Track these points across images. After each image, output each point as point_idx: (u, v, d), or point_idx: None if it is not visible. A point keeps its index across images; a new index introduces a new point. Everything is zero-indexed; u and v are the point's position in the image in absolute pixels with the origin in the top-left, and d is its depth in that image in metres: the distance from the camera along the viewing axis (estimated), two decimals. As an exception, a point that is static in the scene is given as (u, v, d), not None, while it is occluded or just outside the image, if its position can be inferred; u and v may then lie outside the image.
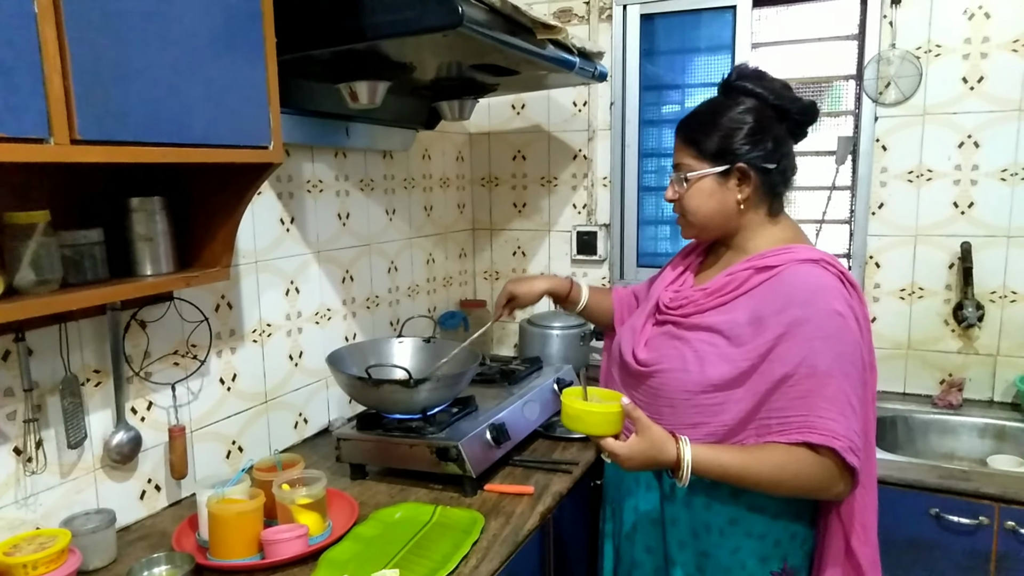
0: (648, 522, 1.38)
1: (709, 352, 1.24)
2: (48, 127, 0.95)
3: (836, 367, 1.16)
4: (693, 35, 2.52)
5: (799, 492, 1.21)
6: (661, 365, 1.30)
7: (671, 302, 1.36)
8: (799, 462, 1.17)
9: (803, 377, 1.17)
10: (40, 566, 1.18)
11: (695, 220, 1.33)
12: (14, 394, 1.29)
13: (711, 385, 1.23)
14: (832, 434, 1.15)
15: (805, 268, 1.23)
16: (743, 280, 1.26)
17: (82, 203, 1.33)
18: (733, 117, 1.28)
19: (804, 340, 1.17)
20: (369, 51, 1.52)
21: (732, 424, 1.22)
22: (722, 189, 1.29)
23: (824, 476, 1.17)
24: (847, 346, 1.18)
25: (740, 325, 1.23)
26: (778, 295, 1.21)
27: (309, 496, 1.38)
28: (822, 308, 1.18)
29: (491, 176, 2.81)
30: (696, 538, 1.31)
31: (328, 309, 2.05)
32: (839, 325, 1.18)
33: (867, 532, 1.27)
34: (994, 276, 2.17)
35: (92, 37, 1.00)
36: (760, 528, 1.28)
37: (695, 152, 1.29)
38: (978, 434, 2.10)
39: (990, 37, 2.09)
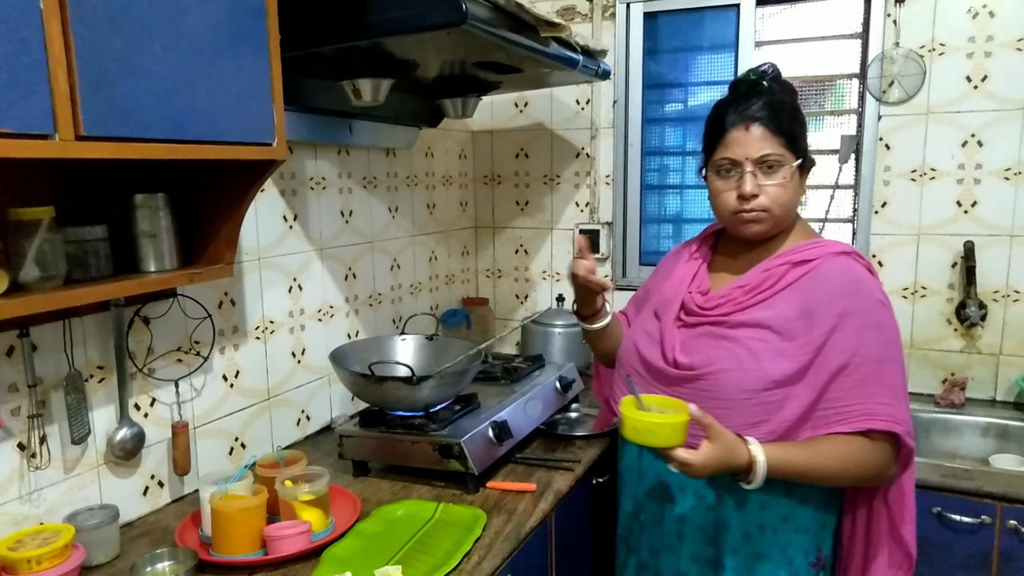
0: (695, 530, 1.35)
1: (762, 348, 1.24)
2: (53, 123, 0.96)
3: (887, 354, 1.21)
4: (696, 33, 2.52)
5: (859, 480, 1.23)
6: (713, 367, 1.27)
7: (705, 303, 1.34)
8: (859, 451, 1.19)
9: (859, 366, 1.19)
10: (44, 561, 1.18)
11: (781, 212, 1.29)
12: (18, 390, 1.29)
13: (772, 382, 1.22)
14: (893, 419, 1.18)
15: (841, 260, 1.27)
16: (781, 275, 1.28)
17: (86, 199, 1.33)
18: (800, 109, 1.33)
19: (856, 330, 1.20)
20: (373, 48, 1.52)
21: (792, 420, 1.22)
22: (800, 183, 1.32)
23: (882, 461, 1.21)
24: (892, 333, 1.23)
25: (790, 319, 1.24)
26: (823, 287, 1.24)
27: (312, 493, 1.38)
28: (868, 298, 1.23)
29: (494, 174, 2.81)
30: (749, 541, 1.30)
31: (331, 306, 2.05)
32: (884, 314, 1.23)
33: (910, 512, 1.30)
34: (997, 275, 2.16)
35: (97, 34, 1.00)
36: (807, 522, 1.30)
37: (786, 143, 1.27)
38: (980, 433, 2.10)
39: (994, 36, 2.09)
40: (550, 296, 2.74)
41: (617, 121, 2.57)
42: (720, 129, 1.31)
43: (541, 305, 2.78)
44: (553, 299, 2.70)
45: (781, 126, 1.27)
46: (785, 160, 1.27)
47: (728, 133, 1.29)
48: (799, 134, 1.29)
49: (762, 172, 1.27)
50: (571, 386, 2.08)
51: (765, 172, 1.27)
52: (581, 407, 2.14)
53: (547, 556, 1.62)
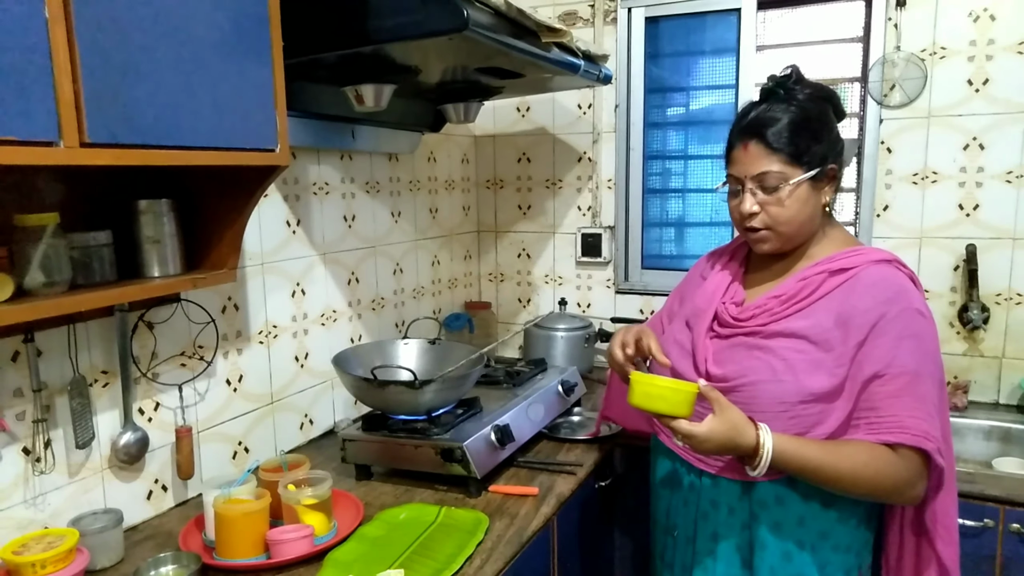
0: (731, 550, 1.29)
1: (798, 359, 1.20)
2: (58, 130, 0.96)
3: (923, 367, 1.16)
4: (698, 38, 2.53)
5: (874, 492, 1.17)
6: (747, 378, 1.23)
7: (740, 314, 1.30)
8: (880, 461, 1.14)
9: (893, 376, 1.15)
10: (48, 565, 1.19)
11: (787, 230, 1.25)
12: (23, 394, 1.30)
13: (811, 395, 1.18)
14: (925, 435, 1.13)
15: (881, 268, 1.23)
16: (818, 284, 1.24)
17: (91, 205, 1.34)
18: (817, 118, 1.25)
19: (892, 339, 1.16)
20: (375, 54, 1.53)
21: (829, 434, 1.18)
22: (815, 194, 1.25)
23: (903, 477, 1.15)
24: (930, 346, 1.19)
25: (827, 329, 1.19)
26: (861, 296, 1.20)
27: (315, 496, 1.39)
28: (906, 307, 1.18)
29: (496, 178, 2.82)
30: (789, 561, 1.24)
31: (334, 311, 2.06)
32: (923, 325, 1.18)
33: (950, 533, 1.25)
34: (1000, 278, 2.16)
35: (102, 41, 1.01)
36: (846, 540, 1.25)
37: (787, 158, 1.22)
38: (983, 436, 2.10)
39: (995, 39, 2.09)
40: (552, 300, 2.75)
41: (619, 125, 2.58)
42: (729, 145, 1.30)
43: (543, 309, 2.78)
44: (555, 303, 2.70)
45: (780, 141, 1.22)
46: (786, 176, 1.22)
47: (733, 150, 1.28)
48: (809, 145, 1.22)
49: (761, 190, 1.24)
50: (573, 390, 2.08)
51: (764, 190, 1.24)
52: (583, 411, 2.14)
53: (549, 560, 1.63)
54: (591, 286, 2.71)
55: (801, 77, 1.29)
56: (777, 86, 1.28)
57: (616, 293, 2.67)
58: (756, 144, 1.23)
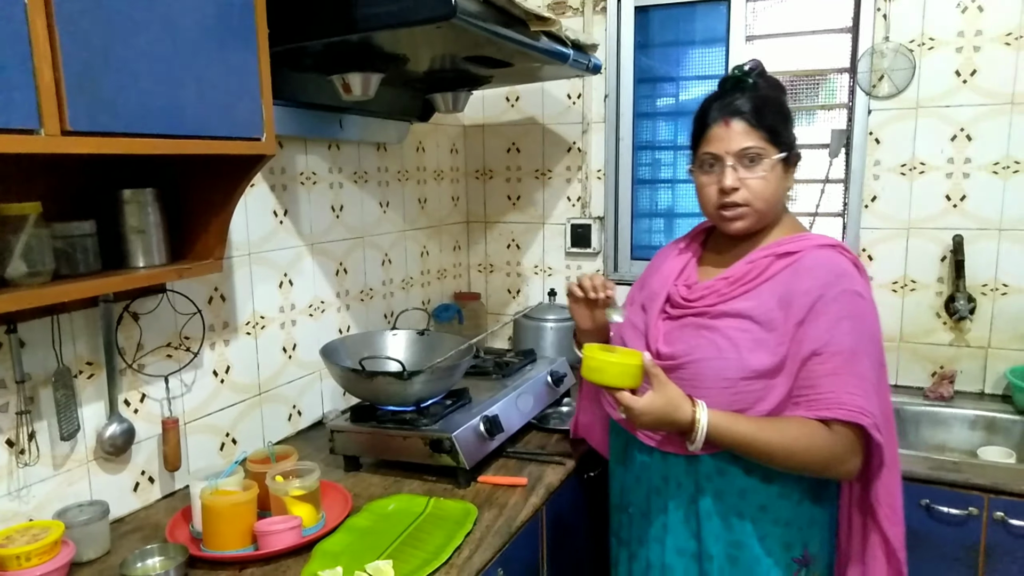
0: (679, 523, 1.34)
1: (742, 338, 1.24)
2: (39, 118, 0.95)
3: (861, 346, 1.20)
4: (687, 28, 2.52)
5: (808, 466, 1.22)
6: (693, 355, 1.27)
7: (690, 294, 1.35)
8: (812, 436, 1.19)
9: (831, 355, 1.19)
10: (33, 557, 1.18)
11: (763, 206, 1.29)
12: (6, 386, 1.29)
13: (752, 371, 1.22)
14: (860, 410, 1.17)
15: (824, 252, 1.28)
16: (765, 267, 1.29)
17: (74, 195, 1.33)
18: (786, 105, 1.34)
19: (831, 319, 1.20)
20: (362, 42, 1.52)
21: (769, 411, 1.23)
22: (784, 177, 1.31)
23: (835, 451, 1.19)
24: (869, 326, 1.23)
25: (771, 310, 1.24)
26: (802, 278, 1.24)
27: (302, 488, 1.38)
28: (845, 289, 1.22)
29: (485, 169, 2.81)
30: (730, 530, 1.30)
31: (322, 301, 2.05)
32: (862, 306, 1.23)
33: (895, 513, 1.29)
34: (986, 269, 2.18)
35: (82, 28, 0.99)
36: (787, 514, 1.29)
37: (768, 137, 1.27)
38: (969, 426, 2.12)
39: (983, 30, 2.09)
40: (542, 291, 2.75)
41: (608, 115, 2.57)
42: (703, 125, 1.33)
43: (533, 300, 2.78)
44: (545, 294, 2.70)
45: (762, 120, 1.27)
46: (766, 153, 1.27)
47: (710, 129, 1.31)
48: (782, 128, 1.29)
49: (743, 166, 1.28)
50: (562, 380, 2.08)
51: (746, 166, 1.28)
52: (573, 401, 2.14)
53: (538, 550, 1.63)
54: (580, 277, 2.71)
55: (764, 71, 1.35)
56: (745, 76, 1.33)
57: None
58: (739, 121, 1.27)
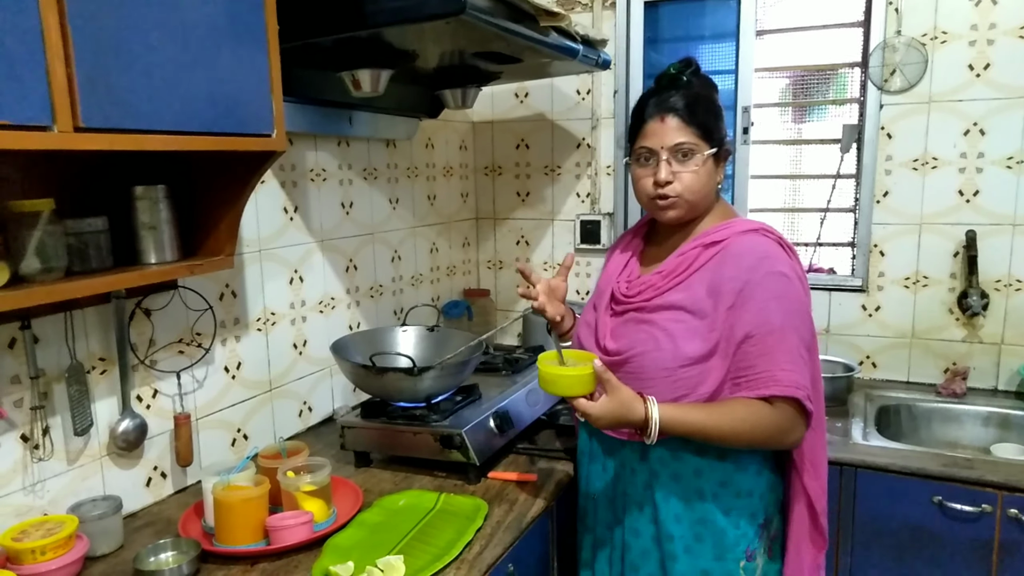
0: (633, 504, 1.41)
1: (677, 328, 1.31)
2: (52, 114, 0.96)
3: (788, 323, 1.27)
4: (697, 23, 2.51)
5: (757, 442, 1.29)
6: (635, 349, 1.34)
7: (628, 290, 1.41)
8: (757, 414, 1.25)
9: (763, 335, 1.26)
10: (48, 551, 1.19)
11: (693, 198, 1.35)
12: (20, 381, 1.30)
13: (688, 359, 1.29)
14: (795, 385, 1.24)
15: (748, 237, 1.33)
16: (694, 258, 1.35)
17: (86, 192, 1.33)
18: (717, 102, 1.40)
19: (759, 302, 1.27)
20: (372, 39, 1.52)
21: (710, 392, 1.30)
22: (715, 170, 1.38)
23: (780, 425, 1.26)
24: (794, 303, 1.30)
25: (701, 299, 1.31)
26: (728, 266, 1.30)
27: (314, 483, 1.39)
28: (769, 271, 1.29)
29: (494, 165, 2.80)
30: (691, 507, 1.36)
31: (332, 298, 2.05)
32: (785, 285, 1.29)
33: (816, 468, 1.38)
34: (999, 265, 2.16)
35: (94, 25, 1.00)
36: (747, 485, 1.36)
37: (700, 133, 1.33)
38: (982, 423, 2.10)
39: (997, 24, 2.07)
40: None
41: (618, 111, 2.56)
42: (640, 120, 1.38)
43: (542, 296, 2.77)
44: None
45: (695, 117, 1.33)
46: (698, 149, 1.33)
47: (646, 124, 1.36)
48: (713, 125, 1.35)
49: (676, 160, 1.34)
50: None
51: (679, 160, 1.34)
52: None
53: (549, 546, 1.63)
54: (590, 273, 2.71)
55: (698, 69, 1.41)
56: (680, 73, 1.39)
57: (615, 280, 2.66)
58: (673, 117, 1.33)
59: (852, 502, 1.82)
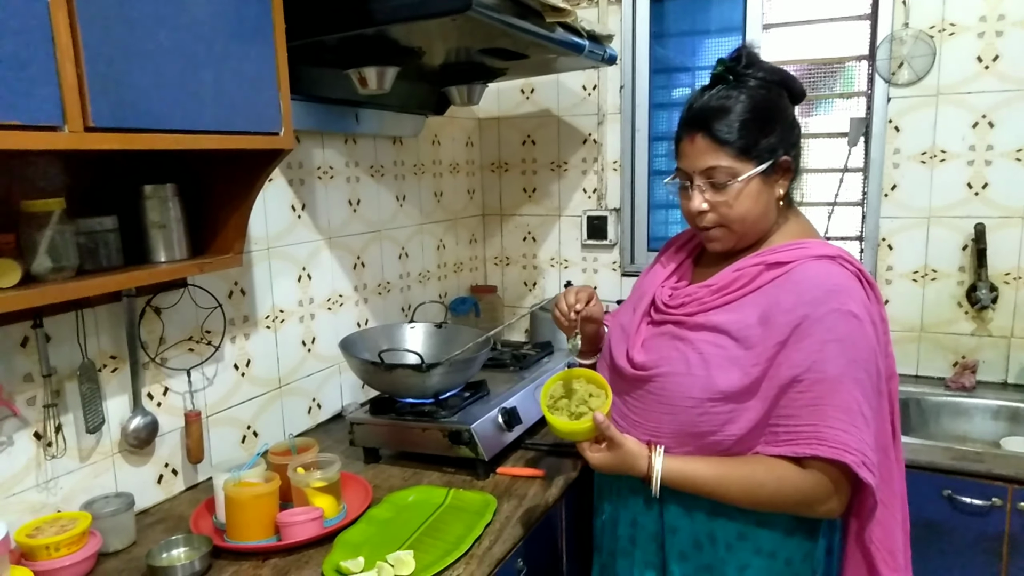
0: (647, 536, 1.27)
1: (715, 354, 1.14)
2: (62, 115, 0.96)
3: (848, 373, 1.08)
4: (703, 17, 2.50)
5: (776, 508, 1.14)
6: (660, 368, 1.19)
7: (671, 300, 1.25)
8: (781, 480, 1.10)
9: (813, 383, 1.08)
10: (62, 548, 1.21)
11: (740, 228, 1.18)
12: (33, 379, 1.31)
13: (719, 392, 1.13)
14: (844, 447, 1.06)
15: (820, 265, 1.14)
16: (752, 276, 1.16)
17: (97, 191, 1.34)
18: (764, 107, 1.16)
19: (815, 342, 1.08)
20: (378, 36, 1.52)
21: (741, 434, 1.13)
22: (768, 188, 1.17)
23: (809, 493, 1.10)
24: (861, 351, 1.09)
25: (750, 326, 1.13)
26: (789, 293, 1.12)
27: (324, 479, 1.39)
28: (835, 308, 1.09)
29: (501, 161, 2.81)
30: (699, 550, 1.21)
31: (340, 295, 2.06)
32: (853, 328, 1.09)
33: (895, 558, 1.19)
34: (1008, 257, 2.15)
35: (104, 25, 1.00)
36: (770, 545, 1.18)
37: (734, 152, 1.14)
38: (992, 416, 2.09)
39: (1006, 15, 2.06)
40: (558, 283, 2.75)
41: (624, 106, 2.56)
42: (677, 136, 1.22)
43: (549, 292, 2.78)
44: (561, 286, 2.70)
45: (729, 134, 1.14)
46: (737, 171, 1.14)
47: (680, 142, 1.21)
48: (757, 137, 1.14)
49: (711, 187, 1.16)
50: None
51: (714, 187, 1.16)
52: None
53: (557, 541, 1.64)
54: (597, 269, 2.71)
55: (753, 60, 1.20)
56: (726, 71, 1.20)
57: (622, 276, 2.66)
58: (703, 137, 1.15)
59: (861, 496, 1.82)
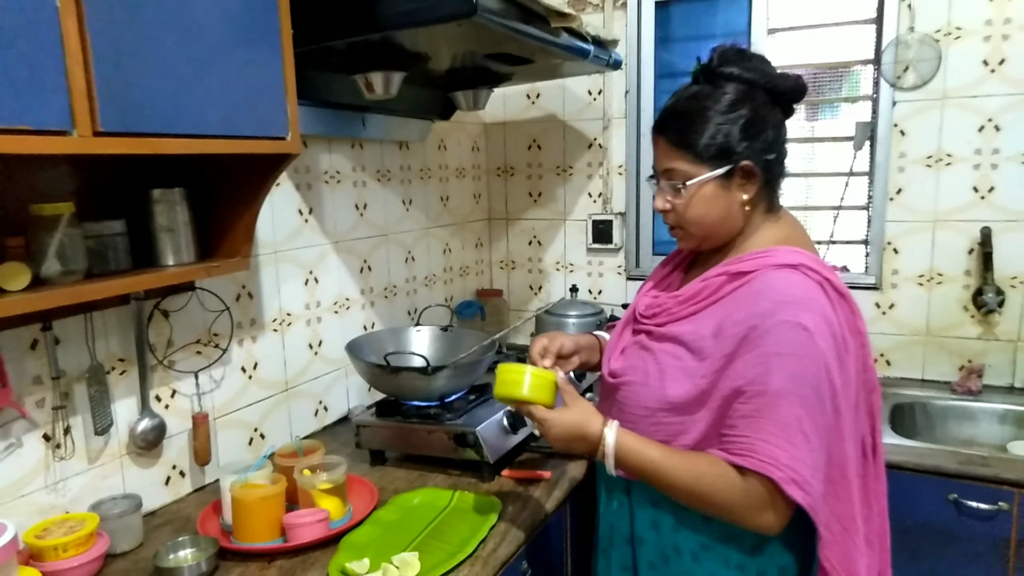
0: (622, 539, 1.29)
1: (671, 365, 1.15)
2: (71, 119, 0.98)
3: (790, 389, 1.04)
4: (708, 21, 2.51)
5: (710, 508, 1.11)
6: (626, 377, 1.22)
7: (646, 310, 1.26)
8: (719, 477, 1.07)
9: (753, 395, 1.06)
10: (70, 549, 1.22)
11: (698, 231, 1.19)
12: (42, 382, 1.32)
13: (668, 403, 1.14)
14: (774, 462, 1.03)
15: (780, 274, 1.10)
16: (716, 287, 1.15)
17: (105, 195, 1.36)
18: (727, 110, 1.13)
19: (759, 355, 1.06)
20: (384, 41, 1.53)
21: (692, 445, 1.13)
22: (726, 192, 1.15)
23: (743, 502, 1.07)
24: (807, 366, 1.05)
25: (704, 337, 1.13)
26: (744, 305, 1.10)
27: (330, 481, 1.40)
28: (784, 320, 1.05)
29: (507, 166, 2.81)
30: (667, 561, 1.21)
31: (347, 299, 2.07)
32: (801, 341, 1.05)
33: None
34: (1015, 261, 2.14)
35: (113, 30, 1.02)
36: (737, 559, 1.16)
37: (690, 156, 1.14)
38: (998, 420, 2.09)
39: (1012, 18, 2.06)
40: (564, 287, 2.75)
41: (629, 111, 2.57)
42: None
43: (555, 296, 2.79)
44: (567, 290, 2.70)
45: (684, 137, 1.14)
46: (691, 174, 1.14)
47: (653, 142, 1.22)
48: (716, 141, 1.12)
49: (670, 188, 1.17)
50: (585, 375, 2.08)
51: (673, 189, 1.17)
52: (595, 396, 2.14)
53: (563, 543, 1.64)
54: (602, 273, 2.71)
55: (729, 59, 1.16)
56: (700, 71, 1.19)
57: (627, 280, 2.67)
58: (663, 140, 1.18)
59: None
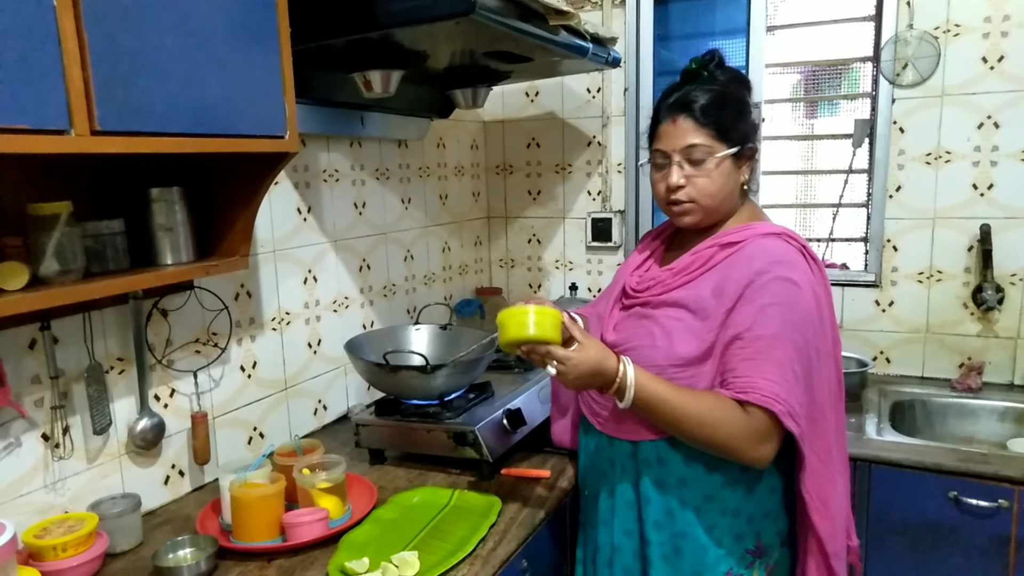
0: (624, 504, 1.38)
1: (676, 327, 1.28)
2: (69, 118, 0.97)
3: (784, 333, 1.20)
4: (707, 19, 2.50)
5: (715, 441, 1.21)
6: (630, 343, 1.32)
7: (638, 285, 1.39)
8: (725, 411, 1.19)
9: (752, 339, 1.20)
10: (69, 548, 1.22)
11: (709, 204, 1.31)
12: (41, 381, 1.32)
13: (680, 359, 1.25)
14: (774, 396, 1.17)
15: (767, 240, 1.28)
16: (708, 257, 1.30)
17: (104, 194, 1.35)
18: (739, 98, 1.32)
19: (757, 305, 1.21)
20: (382, 40, 1.53)
21: None
22: (735, 171, 1.31)
23: (745, 434, 1.19)
24: (797, 314, 1.22)
25: (705, 298, 1.26)
26: (738, 267, 1.25)
27: (329, 480, 1.40)
28: (777, 276, 1.22)
29: (505, 164, 2.81)
30: (671, 518, 1.31)
31: (346, 297, 2.07)
32: (792, 293, 1.22)
33: (827, 506, 1.29)
34: (1014, 258, 2.14)
35: (110, 29, 1.01)
36: (735, 504, 1.30)
37: (714, 133, 1.28)
38: (998, 417, 2.09)
39: (1011, 15, 2.06)
40: (563, 285, 2.75)
41: (628, 109, 2.56)
42: (655, 121, 1.34)
43: (554, 294, 2.79)
44: (566, 288, 2.70)
45: (708, 116, 1.27)
46: (714, 150, 1.27)
47: (660, 126, 1.32)
48: (732, 123, 1.29)
49: (689, 163, 1.29)
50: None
51: (692, 163, 1.29)
52: (595, 395, 2.14)
53: (563, 541, 1.64)
54: (602, 271, 2.71)
55: (722, 61, 1.36)
56: (701, 68, 1.34)
57: (627, 277, 2.67)
58: (685, 119, 1.28)
59: (867, 498, 1.81)
